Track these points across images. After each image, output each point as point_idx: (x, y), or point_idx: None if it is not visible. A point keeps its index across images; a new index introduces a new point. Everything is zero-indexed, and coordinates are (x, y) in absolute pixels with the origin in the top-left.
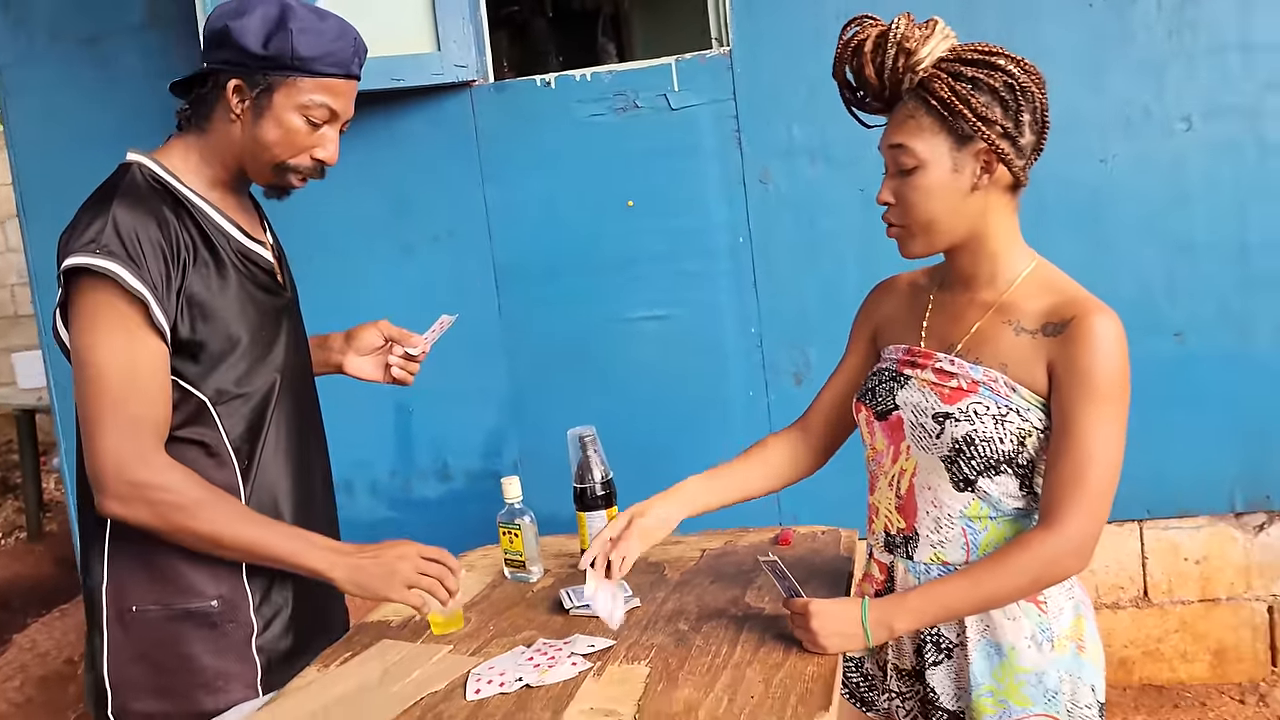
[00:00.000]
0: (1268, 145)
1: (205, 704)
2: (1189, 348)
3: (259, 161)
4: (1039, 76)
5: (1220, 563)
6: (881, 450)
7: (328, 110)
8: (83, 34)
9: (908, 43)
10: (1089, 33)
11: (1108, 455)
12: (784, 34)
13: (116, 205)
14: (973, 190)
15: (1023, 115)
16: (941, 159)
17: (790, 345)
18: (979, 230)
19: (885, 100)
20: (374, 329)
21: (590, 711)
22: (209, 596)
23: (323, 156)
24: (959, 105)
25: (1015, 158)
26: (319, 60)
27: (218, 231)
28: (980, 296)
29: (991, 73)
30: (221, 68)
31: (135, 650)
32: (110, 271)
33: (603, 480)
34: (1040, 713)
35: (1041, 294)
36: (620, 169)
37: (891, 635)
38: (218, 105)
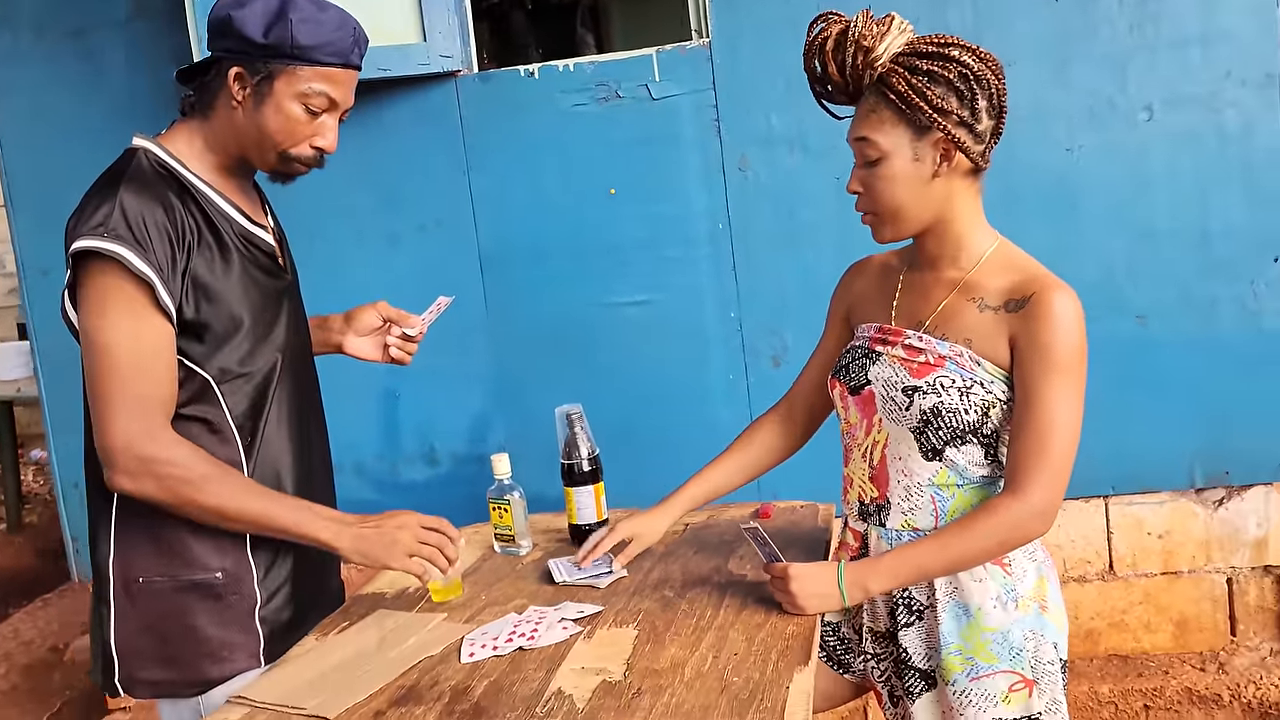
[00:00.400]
0: (1226, 134)
1: (210, 672)
2: (1151, 330)
3: (261, 149)
4: (995, 63)
5: (1182, 537)
6: (855, 424)
7: (327, 99)
8: (68, 28)
9: (865, 40)
10: (1055, 27)
11: (1067, 424)
12: (762, 26)
13: (123, 190)
14: (934, 177)
15: (978, 103)
16: (903, 149)
17: (769, 329)
18: (944, 214)
19: (849, 95)
20: (372, 310)
21: (581, 671)
22: (214, 569)
23: (322, 145)
24: (915, 99)
25: (973, 144)
26: (318, 49)
27: (220, 215)
28: (946, 275)
29: (946, 64)
30: (224, 55)
31: (142, 621)
32: (117, 254)
33: (589, 456)
34: (1006, 669)
35: (1003, 272)
36: (602, 157)
37: (866, 595)
38: (220, 92)
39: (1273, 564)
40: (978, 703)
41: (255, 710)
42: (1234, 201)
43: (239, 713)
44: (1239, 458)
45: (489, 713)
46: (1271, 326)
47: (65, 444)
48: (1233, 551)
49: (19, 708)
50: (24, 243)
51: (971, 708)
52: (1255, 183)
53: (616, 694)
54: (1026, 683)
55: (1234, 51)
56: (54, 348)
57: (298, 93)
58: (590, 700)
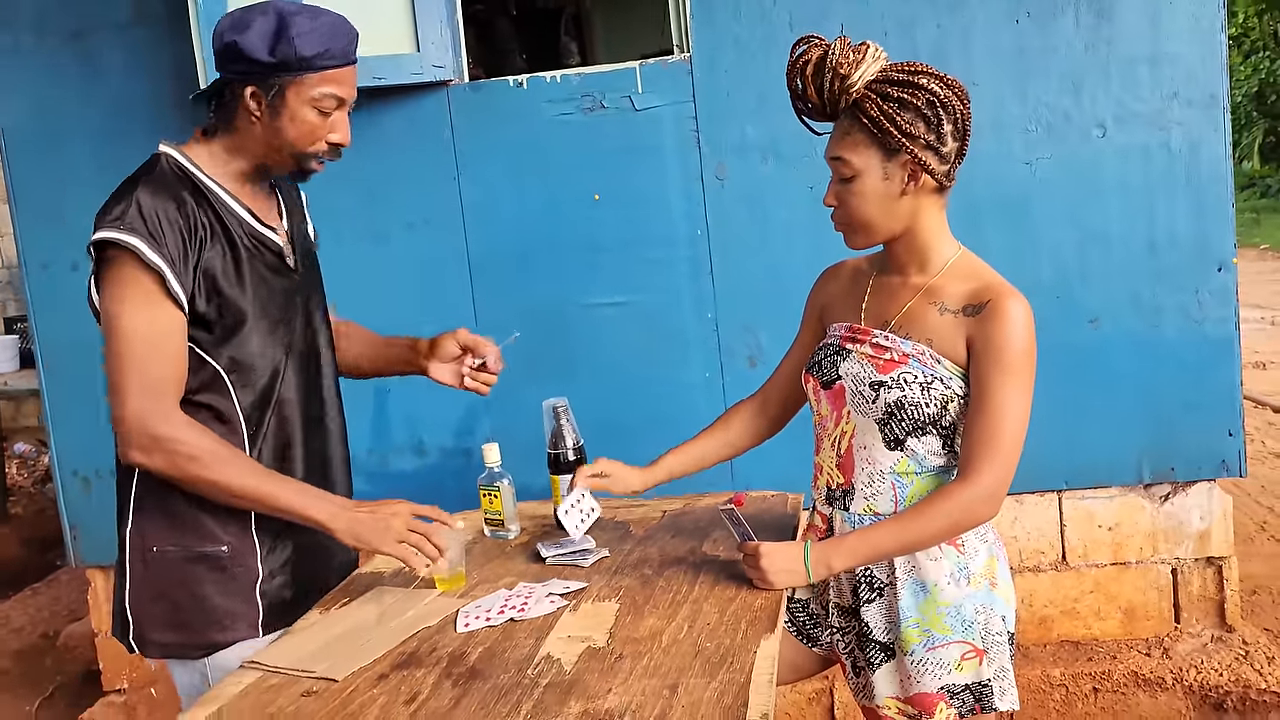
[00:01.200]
0: (1173, 151)
1: (214, 637)
2: (1103, 333)
3: (281, 155)
4: (960, 89)
5: (1130, 529)
6: (826, 415)
7: (335, 99)
8: (68, 30)
9: (842, 68)
10: (1015, 46)
11: (1015, 419)
12: (740, 43)
13: (140, 188)
14: (901, 195)
15: (944, 127)
16: (874, 169)
17: (744, 329)
18: (910, 226)
19: (826, 115)
20: (452, 338)
21: (568, 639)
22: (221, 542)
23: (337, 140)
24: (885, 124)
25: (937, 166)
26: (321, 57)
27: (231, 216)
28: (912, 281)
29: (915, 91)
30: (235, 78)
31: (155, 587)
32: (131, 244)
33: (574, 446)
34: (959, 639)
35: (964, 280)
36: (587, 165)
37: (830, 572)
38: (238, 110)
39: (1214, 555)
40: (933, 670)
41: (267, 674)
42: (1180, 214)
43: (252, 676)
44: (1184, 455)
45: (484, 675)
46: (1214, 333)
47: (66, 434)
48: (1177, 544)
49: (11, 693)
50: (26, 238)
51: (928, 675)
52: (1200, 197)
53: (600, 658)
54: (978, 652)
55: (1181, 73)
56: (54, 340)
57: (309, 99)
58: (577, 663)
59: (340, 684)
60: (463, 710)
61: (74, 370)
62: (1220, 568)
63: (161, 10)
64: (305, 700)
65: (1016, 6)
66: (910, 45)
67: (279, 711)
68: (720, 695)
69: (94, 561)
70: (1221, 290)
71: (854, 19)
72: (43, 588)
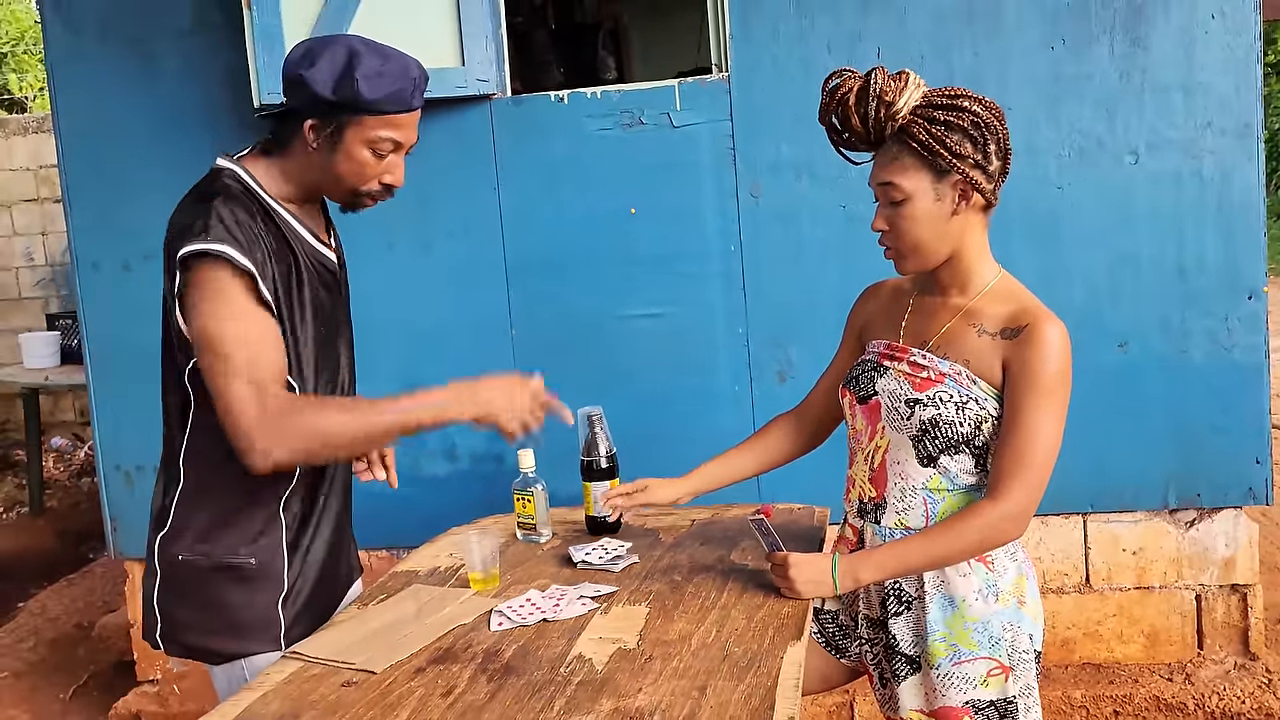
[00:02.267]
0: (1205, 179)
1: (232, 647)
2: (1131, 357)
3: (336, 187)
4: (999, 111)
5: (1155, 554)
6: (861, 430)
7: (392, 143)
8: (130, 34)
9: (887, 95)
10: (1050, 72)
11: (1047, 441)
12: (777, 63)
13: (217, 203)
14: (953, 215)
15: (989, 147)
16: (925, 191)
17: (774, 345)
18: (957, 248)
19: (870, 143)
20: None
21: (600, 640)
22: (249, 555)
23: (390, 181)
24: (936, 146)
25: (986, 184)
26: (382, 102)
27: (293, 234)
28: (952, 302)
29: (960, 114)
30: (298, 108)
31: (180, 592)
32: (223, 253)
33: (607, 454)
34: (985, 655)
35: (1003, 303)
36: (624, 179)
37: (857, 584)
38: (296, 138)
39: (1239, 583)
40: (959, 684)
41: (307, 664)
42: (1210, 241)
43: (294, 666)
44: (1210, 482)
45: (518, 671)
46: (1243, 360)
47: (110, 429)
48: (1202, 570)
49: (47, 679)
50: (79, 237)
51: (953, 689)
52: (1231, 225)
53: (631, 659)
54: (1004, 669)
55: (1214, 102)
56: (102, 337)
57: (366, 140)
58: (608, 663)
59: (379, 676)
60: (498, 704)
61: (120, 367)
62: (1245, 595)
63: (219, 19)
64: (345, 690)
65: (1052, 34)
66: (946, 70)
67: (320, 699)
68: (748, 698)
69: (133, 554)
70: (1251, 318)
71: (890, 43)
72: (78, 579)
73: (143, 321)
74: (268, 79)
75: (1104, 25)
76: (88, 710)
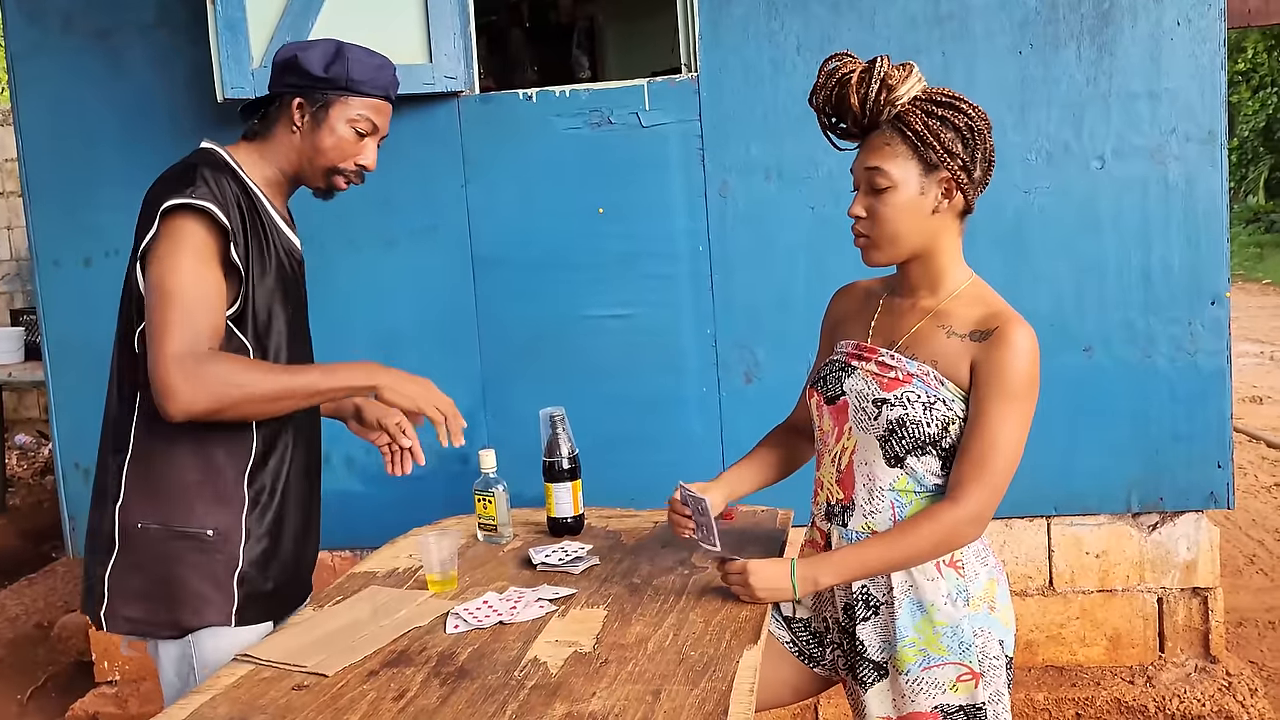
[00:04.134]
0: (1170, 185)
1: (184, 619)
2: (1096, 362)
3: (314, 165)
4: (989, 122)
5: (1118, 557)
6: (828, 431)
7: (370, 123)
8: (94, 28)
9: (890, 80)
10: (1018, 77)
11: (1009, 446)
12: (746, 64)
13: (202, 168)
14: (933, 212)
15: (977, 153)
16: (911, 182)
17: (742, 346)
18: (931, 247)
19: (862, 127)
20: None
21: (556, 643)
22: (207, 525)
23: (364, 162)
24: (930, 138)
25: (970, 187)
26: (367, 83)
27: (268, 217)
28: (922, 303)
29: (957, 114)
30: (286, 90)
31: (133, 562)
32: (205, 208)
33: (569, 456)
34: (955, 660)
35: (973, 305)
36: (592, 178)
37: (815, 588)
38: (281, 119)
39: (1200, 586)
40: (928, 690)
41: (259, 667)
42: (1175, 247)
43: (244, 669)
44: (1173, 486)
45: (472, 675)
46: (1206, 365)
47: (69, 427)
48: (1164, 573)
49: (6, 680)
50: (39, 233)
51: (922, 694)
52: (1196, 231)
53: (586, 662)
54: (973, 674)
55: (1180, 109)
56: (62, 334)
57: (349, 118)
58: (563, 667)
59: (331, 679)
60: (450, 708)
61: (79, 364)
62: (1206, 598)
63: (183, 13)
64: (296, 694)
65: (1020, 39)
66: None
67: (270, 703)
68: (702, 702)
69: None
70: (1214, 323)
71: (860, 44)
72: (39, 578)
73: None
74: (231, 74)
75: (1071, 30)
76: (45, 711)
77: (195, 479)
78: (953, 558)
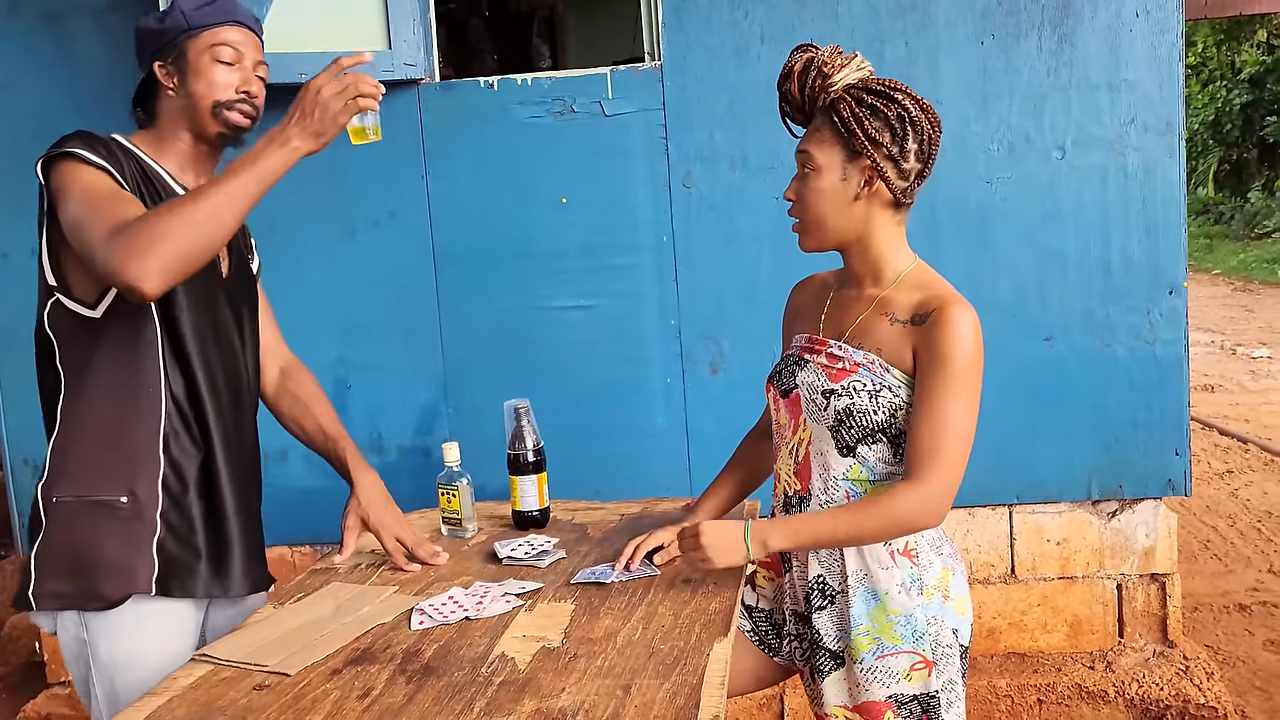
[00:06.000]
0: (1129, 175)
1: (106, 589)
2: (1057, 351)
3: (199, 111)
4: (934, 115)
5: (1078, 544)
6: (784, 424)
7: (230, 49)
8: (43, 11)
9: (826, 68)
10: (980, 67)
11: (959, 425)
12: (710, 52)
13: (76, 133)
14: (855, 199)
15: (908, 144)
16: (834, 168)
17: (706, 336)
18: (863, 236)
19: (805, 114)
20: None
21: (523, 638)
22: (121, 492)
23: (246, 88)
24: (854, 125)
25: (896, 179)
26: (202, 13)
27: (157, 179)
28: (867, 293)
29: (889, 104)
30: (147, 64)
31: (55, 535)
32: (75, 151)
33: (534, 448)
34: (909, 649)
35: (914, 291)
36: (555, 168)
37: (766, 550)
38: (159, 94)
39: (1159, 572)
40: (881, 679)
41: (218, 667)
42: (1134, 237)
43: (203, 669)
44: (1132, 473)
45: (438, 672)
46: (1164, 354)
47: (18, 423)
48: (1123, 560)
49: None
50: None
51: (876, 683)
52: (1154, 221)
53: (555, 658)
54: (927, 663)
55: (1139, 100)
56: (10, 328)
57: (205, 50)
58: (531, 662)
59: (293, 678)
60: (416, 706)
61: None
62: (1164, 584)
63: None
64: (257, 694)
65: (982, 29)
66: (878, 63)
67: (230, 704)
68: (673, 696)
69: None
70: (1172, 313)
71: (823, 34)
72: None
73: None
74: None
75: (1033, 21)
76: None
77: (109, 449)
78: (906, 546)
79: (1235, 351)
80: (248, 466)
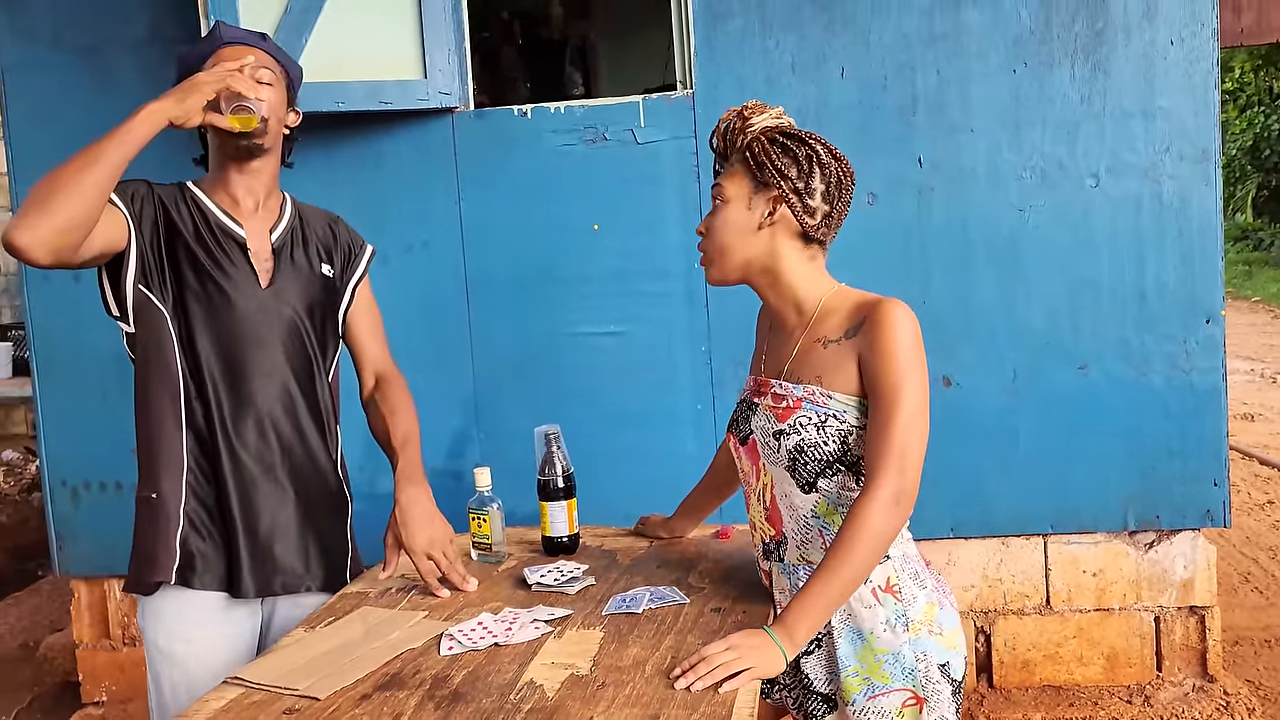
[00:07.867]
0: (1164, 203)
1: (143, 577)
2: (1091, 379)
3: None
4: (845, 164)
5: (1115, 576)
6: (748, 471)
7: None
8: (84, 43)
9: (746, 113)
10: (1012, 95)
11: (909, 416)
12: (742, 80)
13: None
14: (759, 228)
15: (814, 182)
16: (741, 198)
17: (737, 362)
18: (770, 267)
19: (726, 158)
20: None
21: (552, 665)
22: (154, 487)
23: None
24: (763, 158)
25: (802, 212)
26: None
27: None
28: (795, 325)
29: (799, 145)
30: None
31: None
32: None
33: (564, 474)
34: (899, 687)
35: (839, 309)
36: (587, 195)
37: (798, 648)
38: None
39: (1197, 604)
40: (876, 719)
41: (249, 690)
42: (1170, 266)
43: (234, 692)
44: (1169, 504)
45: (466, 698)
46: (1201, 383)
47: (57, 445)
48: (1161, 591)
49: None
50: None
51: None
52: (1190, 250)
53: (583, 686)
54: (918, 700)
55: (1174, 128)
56: (51, 350)
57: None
58: (559, 690)
59: (323, 703)
60: None
61: (68, 380)
62: (1203, 617)
63: (176, 29)
64: (287, 718)
65: (1014, 57)
66: (910, 91)
67: None
68: None
69: (79, 572)
70: (1209, 341)
71: (854, 64)
72: (24, 597)
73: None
74: None
75: (1065, 49)
76: None
77: (147, 448)
78: (888, 582)
79: (1276, 380)
80: (298, 473)
